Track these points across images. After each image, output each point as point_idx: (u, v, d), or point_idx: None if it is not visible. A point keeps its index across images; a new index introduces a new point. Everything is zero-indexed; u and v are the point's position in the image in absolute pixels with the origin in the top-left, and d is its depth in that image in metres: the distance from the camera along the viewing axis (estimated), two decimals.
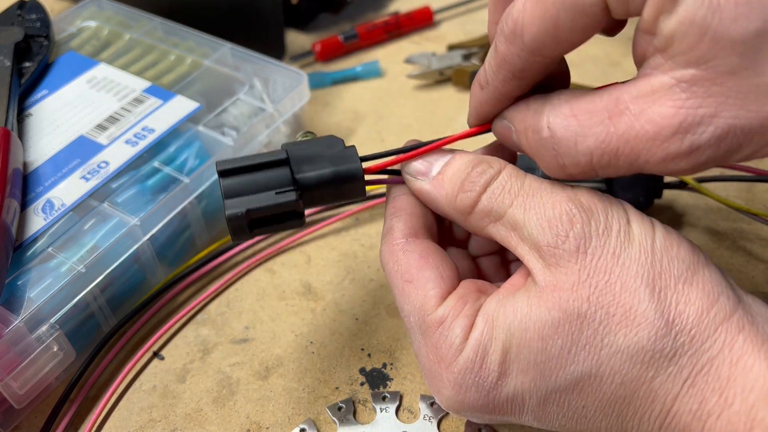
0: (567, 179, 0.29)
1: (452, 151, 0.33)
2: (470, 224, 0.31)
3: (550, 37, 0.27)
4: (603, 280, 0.27)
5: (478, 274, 0.37)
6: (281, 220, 0.32)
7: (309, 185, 0.32)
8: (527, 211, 0.29)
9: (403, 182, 0.34)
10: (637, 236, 0.28)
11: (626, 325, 0.27)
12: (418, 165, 0.33)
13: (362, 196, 0.33)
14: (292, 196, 0.31)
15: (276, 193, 0.31)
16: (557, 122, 0.28)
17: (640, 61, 0.27)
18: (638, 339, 0.26)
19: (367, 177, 0.33)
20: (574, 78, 0.35)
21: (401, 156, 0.33)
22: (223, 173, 0.31)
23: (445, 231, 0.38)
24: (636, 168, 0.27)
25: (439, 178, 0.32)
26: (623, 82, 0.27)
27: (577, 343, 0.27)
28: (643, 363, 0.27)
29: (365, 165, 0.33)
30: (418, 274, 0.32)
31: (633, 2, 0.26)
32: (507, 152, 0.34)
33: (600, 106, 0.27)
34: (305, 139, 0.34)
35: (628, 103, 0.26)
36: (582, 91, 0.28)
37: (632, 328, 0.27)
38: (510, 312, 0.29)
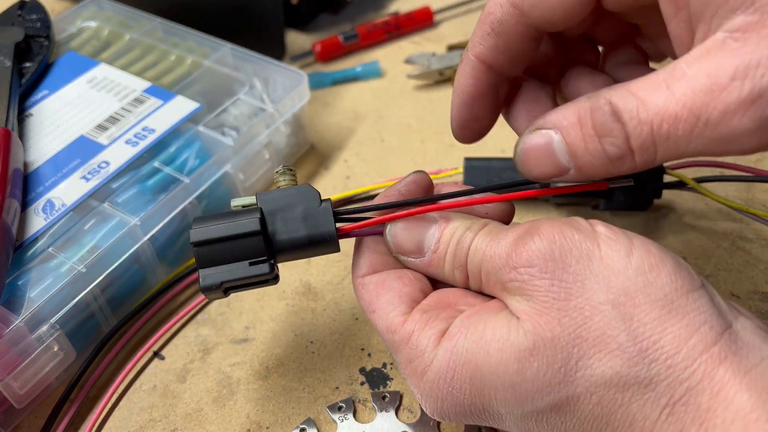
0: (630, 167, 0.28)
1: (432, 217, 0.33)
2: (471, 288, 0.32)
3: None
4: (571, 305, 0.27)
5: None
6: (255, 284, 0.33)
7: (282, 248, 0.32)
8: (491, 258, 0.30)
9: (380, 233, 0.34)
10: (606, 258, 0.27)
11: (600, 350, 0.26)
12: (407, 245, 0.33)
13: (336, 252, 0.33)
14: (265, 268, 0.32)
15: (250, 264, 0.32)
16: (617, 97, 0.27)
17: (685, 46, 0.27)
18: (612, 364, 0.26)
19: (342, 230, 0.33)
20: None
21: (377, 219, 0.33)
22: (198, 244, 0.32)
23: None
24: (696, 135, 0.25)
25: (434, 259, 0.32)
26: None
27: (552, 365, 0.27)
28: (618, 387, 0.26)
29: (341, 222, 0.33)
30: (378, 303, 0.32)
31: None
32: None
33: (657, 79, 0.26)
34: (282, 181, 0.34)
35: (685, 69, 0.25)
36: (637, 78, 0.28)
37: (606, 353, 0.26)
38: (489, 330, 0.29)
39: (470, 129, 0.35)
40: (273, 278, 0.32)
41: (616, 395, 0.26)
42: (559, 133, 0.28)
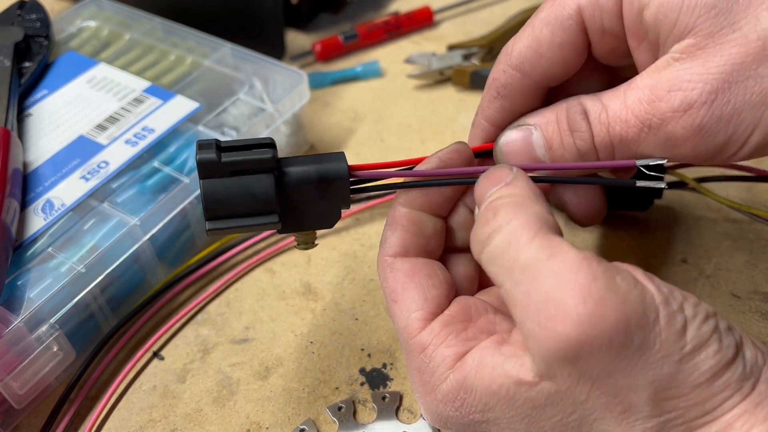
0: (595, 160, 0.32)
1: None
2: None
3: (532, 52, 0.32)
4: (610, 381, 0.26)
5: (481, 278, 0.36)
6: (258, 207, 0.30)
7: (291, 182, 0.31)
8: (510, 285, 0.27)
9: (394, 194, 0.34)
10: (665, 343, 0.25)
11: (622, 420, 0.26)
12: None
13: (346, 206, 0.32)
14: (268, 153, 0.30)
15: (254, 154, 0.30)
16: (588, 100, 0.31)
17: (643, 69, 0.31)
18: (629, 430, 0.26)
19: (354, 181, 0.32)
20: None
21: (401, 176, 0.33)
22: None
23: (447, 239, 0.36)
24: (644, 138, 0.30)
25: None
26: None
27: (568, 419, 0.27)
28: None
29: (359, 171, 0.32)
30: (403, 295, 0.32)
31: (606, 12, 0.31)
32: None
33: (619, 89, 0.31)
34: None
35: (638, 82, 0.30)
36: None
37: (629, 422, 0.26)
38: (502, 375, 0.28)
39: None
40: (276, 218, 0.30)
41: None
42: (539, 129, 0.32)
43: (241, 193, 0.30)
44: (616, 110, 0.30)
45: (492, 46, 0.63)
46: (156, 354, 0.44)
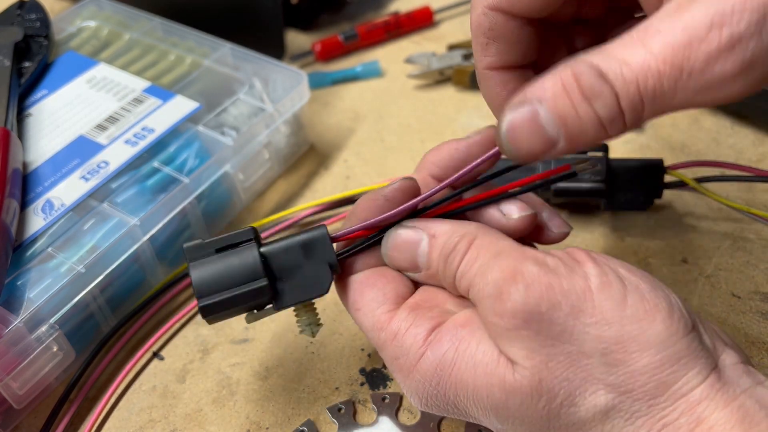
0: (620, 128, 0.27)
1: (418, 231, 0.32)
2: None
3: None
4: (558, 350, 0.27)
5: None
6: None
7: (274, 250, 0.33)
8: (478, 293, 0.30)
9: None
10: (597, 309, 0.27)
11: (586, 389, 0.27)
12: (403, 263, 0.33)
13: (333, 259, 0.34)
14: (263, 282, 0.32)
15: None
16: (599, 59, 0.26)
17: (654, 6, 0.27)
18: (596, 403, 0.27)
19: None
20: None
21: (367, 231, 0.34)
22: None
23: None
24: (682, 87, 0.25)
25: (431, 275, 0.32)
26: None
27: (537, 404, 0.28)
28: (599, 420, 0.27)
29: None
30: (362, 300, 0.33)
31: None
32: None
33: (632, 39, 0.26)
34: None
35: (658, 26, 0.25)
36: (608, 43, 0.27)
37: (591, 392, 0.27)
38: (480, 352, 0.29)
39: None
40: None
41: (597, 426, 0.27)
42: (545, 104, 0.27)
43: (228, 264, 0.32)
44: (641, 62, 0.25)
45: None
46: (156, 354, 0.44)
